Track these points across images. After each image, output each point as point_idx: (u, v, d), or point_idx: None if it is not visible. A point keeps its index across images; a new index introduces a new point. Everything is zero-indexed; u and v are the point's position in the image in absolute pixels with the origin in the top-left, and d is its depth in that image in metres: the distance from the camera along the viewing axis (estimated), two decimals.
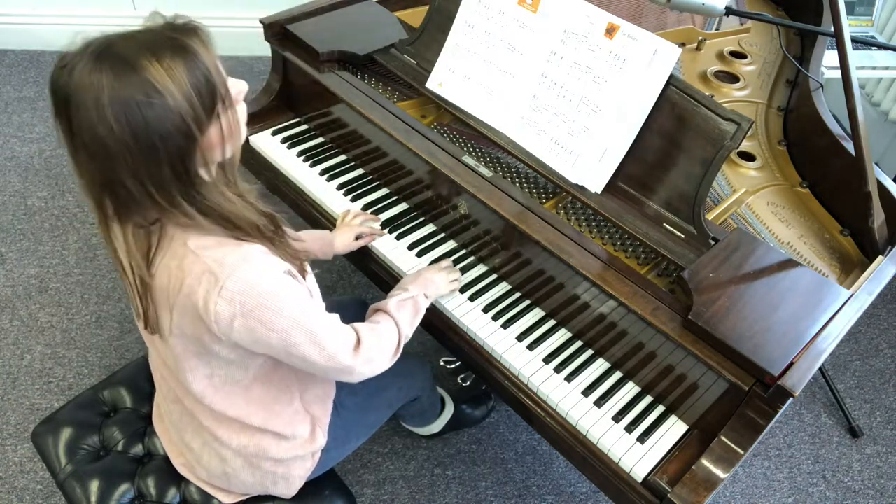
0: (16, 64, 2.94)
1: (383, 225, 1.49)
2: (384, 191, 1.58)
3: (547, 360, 1.29)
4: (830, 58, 1.69)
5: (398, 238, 1.47)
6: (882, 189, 1.35)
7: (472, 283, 1.40)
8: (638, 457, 1.16)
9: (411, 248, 1.46)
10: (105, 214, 0.89)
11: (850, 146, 1.38)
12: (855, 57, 1.28)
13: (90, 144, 0.80)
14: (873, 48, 1.97)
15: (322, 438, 1.19)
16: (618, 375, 1.28)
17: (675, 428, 1.21)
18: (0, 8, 2.89)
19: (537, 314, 1.37)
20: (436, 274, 1.30)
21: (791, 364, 1.04)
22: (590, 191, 1.32)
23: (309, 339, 0.96)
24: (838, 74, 1.22)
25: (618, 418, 1.21)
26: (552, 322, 1.35)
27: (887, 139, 2.48)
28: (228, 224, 0.91)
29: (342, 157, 1.65)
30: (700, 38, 1.80)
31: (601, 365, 1.30)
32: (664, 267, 1.28)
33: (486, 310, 1.36)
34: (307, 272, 1.06)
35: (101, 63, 0.78)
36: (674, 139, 1.24)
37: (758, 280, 1.16)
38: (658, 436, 1.19)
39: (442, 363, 1.81)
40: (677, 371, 1.17)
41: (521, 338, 1.32)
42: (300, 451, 1.15)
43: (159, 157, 0.81)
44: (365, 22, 1.69)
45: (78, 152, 0.82)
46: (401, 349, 1.17)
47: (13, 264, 2.17)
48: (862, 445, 1.94)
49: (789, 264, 1.20)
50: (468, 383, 1.81)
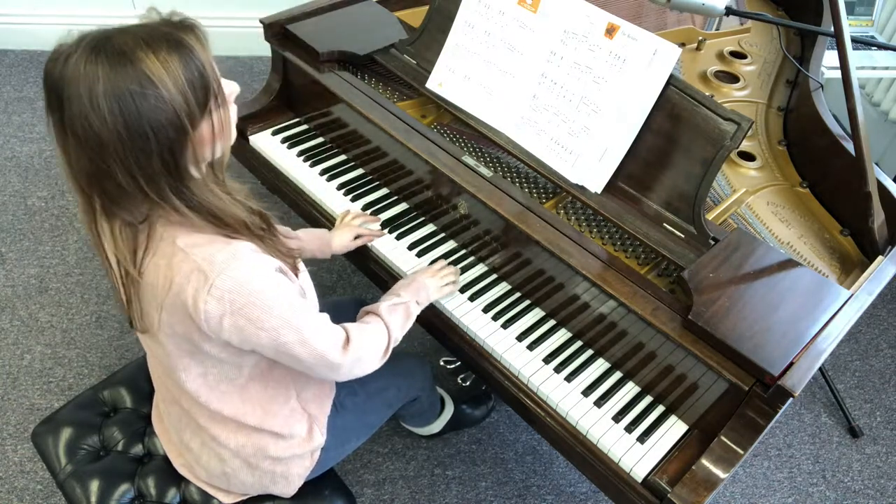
0: (16, 64, 2.94)
1: (383, 225, 1.49)
2: (384, 191, 1.58)
3: (547, 360, 1.29)
4: (830, 58, 1.69)
5: (398, 238, 1.47)
6: (882, 189, 1.35)
7: (472, 283, 1.40)
8: (638, 457, 1.16)
9: (411, 248, 1.46)
10: (93, 209, 0.89)
11: (850, 146, 1.38)
12: (855, 57, 1.28)
13: (82, 135, 0.79)
14: (873, 48, 1.97)
15: (320, 437, 1.19)
16: (618, 375, 1.28)
17: (675, 428, 1.21)
18: (0, 8, 2.90)
19: (537, 314, 1.37)
20: (428, 279, 1.29)
21: (791, 364, 1.05)
22: (590, 191, 1.32)
23: (298, 338, 0.96)
24: (838, 74, 1.22)
25: (618, 418, 1.21)
26: (552, 322, 1.35)
27: (887, 139, 2.48)
28: (217, 221, 0.91)
29: (342, 157, 1.65)
30: (700, 38, 1.80)
31: (601, 365, 1.30)
32: (664, 267, 1.28)
33: (487, 310, 1.36)
34: (300, 270, 1.06)
35: (97, 54, 0.78)
36: (674, 139, 1.24)
37: (758, 280, 1.16)
38: (658, 436, 1.19)
39: (442, 363, 1.81)
40: (677, 371, 1.17)
41: (521, 338, 1.32)
42: (298, 450, 1.15)
43: (150, 149, 0.81)
44: (365, 22, 1.69)
45: (69, 144, 0.82)
46: (389, 352, 1.17)
47: (13, 264, 2.17)
48: (862, 445, 1.94)
49: (789, 264, 1.20)
50: (468, 383, 1.81)
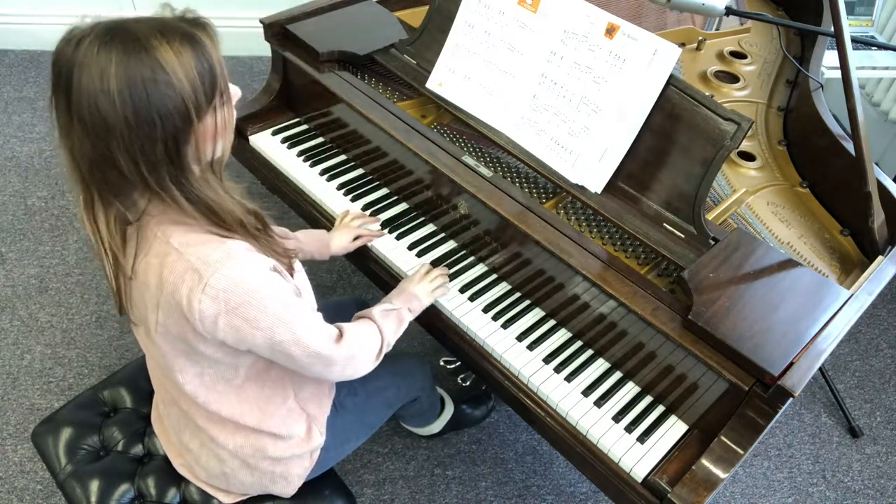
0: (16, 64, 2.94)
1: (383, 225, 1.49)
2: (384, 191, 1.58)
3: (547, 360, 1.29)
4: (830, 58, 1.69)
5: (398, 238, 1.47)
6: (882, 189, 1.35)
7: (472, 283, 1.40)
8: (638, 457, 1.16)
9: (411, 248, 1.46)
10: (90, 195, 0.89)
11: (850, 146, 1.38)
12: (855, 57, 1.28)
13: (88, 118, 0.80)
14: (873, 48, 1.97)
15: (319, 437, 1.19)
16: (618, 375, 1.28)
17: (675, 428, 1.21)
18: (0, 8, 2.90)
19: (537, 314, 1.37)
20: (416, 287, 1.29)
21: (791, 364, 1.04)
22: (590, 191, 1.32)
23: (292, 337, 0.96)
24: (838, 74, 1.22)
25: (618, 418, 1.21)
26: (552, 322, 1.35)
27: (887, 139, 2.48)
28: (213, 216, 0.91)
29: (342, 157, 1.65)
30: (700, 38, 1.80)
31: (601, 365, 1.30)
32: (664, 267, 1.28)
33: (487, 310, 1.36)
34: (296, 270, 1.06)
35: (111, 39, 0.79)
36: (674, 139, 1.23)
37: (758, 280, 1.16)
38: (658, 436, 1.19)
39: (442, 363, 1.81)
40: (677, 371, 1.17)
41: (521, 338, 1.32)
42: (297, 450, 1.15)
43: (155, 136, 0.82)
44: (365, 22, 1.69)
45: (73, 127, 0.82)
46: (382, 354, 1.17)
47: (13, 264, 2.17)
48: (862, 445, 1.94)
49: (789, 264, 1.20)
50: (468, 383, 1.81)
